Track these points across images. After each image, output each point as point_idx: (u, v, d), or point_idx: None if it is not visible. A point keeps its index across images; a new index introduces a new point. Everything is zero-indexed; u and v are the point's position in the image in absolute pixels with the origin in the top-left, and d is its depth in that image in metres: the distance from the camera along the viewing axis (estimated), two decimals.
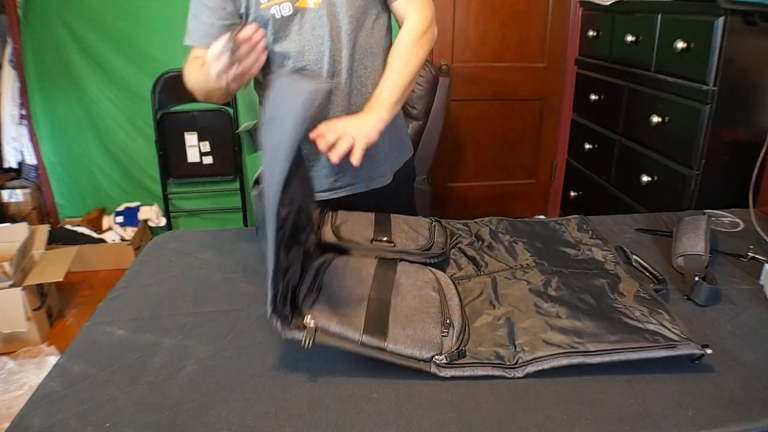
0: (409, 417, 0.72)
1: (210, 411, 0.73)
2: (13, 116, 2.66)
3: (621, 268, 1.05)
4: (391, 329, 0.81)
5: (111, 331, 0.90)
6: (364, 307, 0.86)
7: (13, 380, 1.86)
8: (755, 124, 1.54)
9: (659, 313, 0.88)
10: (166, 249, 1.19)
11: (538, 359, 0.80)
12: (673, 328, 0.84)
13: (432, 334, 0.82)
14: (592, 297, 0.94)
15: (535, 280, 1.00)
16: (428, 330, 0.83)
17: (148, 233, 2.89)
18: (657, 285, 1.00)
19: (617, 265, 1.06)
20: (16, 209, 2.79)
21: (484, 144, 3.01)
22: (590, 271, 1.04)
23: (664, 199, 1.70)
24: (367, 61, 1.17)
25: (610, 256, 1.10)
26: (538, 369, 0.79)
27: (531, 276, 1.02)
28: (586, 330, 0.84)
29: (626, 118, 1.91)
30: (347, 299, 0.88)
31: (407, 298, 0.90)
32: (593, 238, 1.18)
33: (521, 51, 2.85)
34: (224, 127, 2.75)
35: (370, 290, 0.90)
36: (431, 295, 0.91)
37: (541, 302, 0.92)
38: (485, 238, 1.19)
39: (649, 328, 0.84)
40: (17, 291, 2.02)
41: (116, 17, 2.53)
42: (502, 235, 1.19)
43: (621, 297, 0.95)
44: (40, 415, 0.72)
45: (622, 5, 1.93)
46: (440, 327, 0.84)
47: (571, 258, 1.10)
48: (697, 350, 0.79)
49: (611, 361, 0.79)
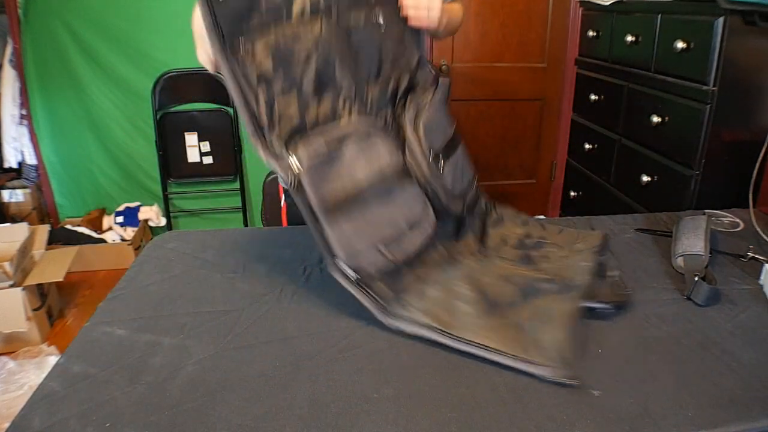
0: (409, 417, 0.72)
1: (210, 411, 0.73)
2: (13, 116, 2.66)
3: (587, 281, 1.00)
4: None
5: (111, 331, 0.90)
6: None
7: (13, 380, 1.86)
8: (755, 124, 1.54)
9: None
10: (166, 249, 1.19)
11: (411, 321, 0.88)
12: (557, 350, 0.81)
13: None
14: (521, 296, 0.95)
15: (502, 263, 1.06)
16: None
17: (148, 233, 2.89)
18: (604, 304, 0.94)
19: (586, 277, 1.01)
20: (16, 209, 2.80)
21: (484, 144, 3.01)
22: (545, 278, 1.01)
23: (664, 199, 1.70)
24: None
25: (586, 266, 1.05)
26: (404, 329, 0.88)
27: (502, 254, 1.09)
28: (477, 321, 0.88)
29: (626, 118, 1.91)
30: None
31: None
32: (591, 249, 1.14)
33: (521, 51, 2.85)
34: (224, 127, 2.75)
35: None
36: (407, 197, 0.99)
37: (475, 279, 0.98)
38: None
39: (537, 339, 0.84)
40: (17, 291, 2.02)
41: (116, 17, 2.53)
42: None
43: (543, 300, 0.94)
44: (40, 415, 0.72)
45: (622, 5, 1.93)
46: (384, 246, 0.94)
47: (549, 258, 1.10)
48: (554, 377, 0.77)
49: (471, 352, 0.83)
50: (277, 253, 1.16)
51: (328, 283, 1.04)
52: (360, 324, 0.92)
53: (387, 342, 0.87)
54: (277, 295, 1.01)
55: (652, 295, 1.00)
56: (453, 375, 0.80)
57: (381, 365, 0.82)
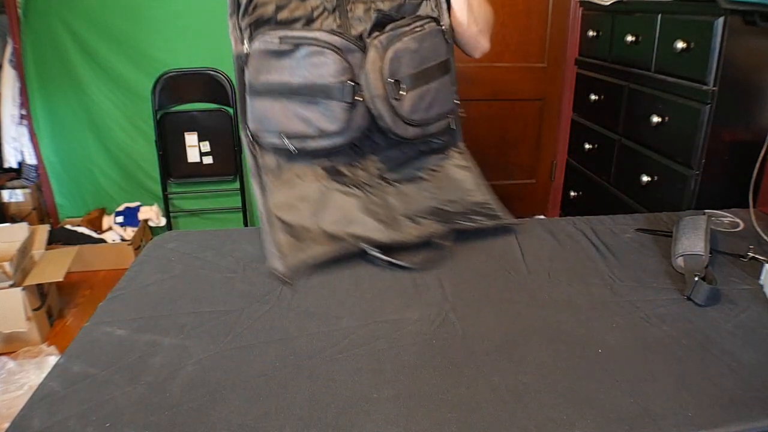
0: (409, 417, 0.72)
1: (210, 411, 0.73)
2: (13, 116, 2.66)
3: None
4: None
5: (111, 331, 0.90)
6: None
7: (13, 380, 1.86)
8: (755, 124, 1.54)
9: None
10: (166, 249, 1.19)
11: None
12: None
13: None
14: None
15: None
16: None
17: (148, 233, 2.89)
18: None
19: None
20: (16, 209, 2.79)
21: (484, 144, 3.01)
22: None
23: (664, 199, 1.70)
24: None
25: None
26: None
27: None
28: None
29: (626, 118, 1.91)
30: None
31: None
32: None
33: (521, 51, 2.85)
34: (224, 127, 2.75)
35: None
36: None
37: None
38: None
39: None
40: (17, 291, 2.02)
41: (116, 17, 2.53)
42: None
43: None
44: (40, 415, 0.72)
45: (622, 5, 1.93)
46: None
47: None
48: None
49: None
50: None
51: (328, 283, 1.04)
52: (360, 324, 0.92)
53: (387, 342, 0.87)
54: (277, 295, 1.01)
55: (652, 295, 1.01)
56: (453, 375, 0.80)
57: (381, 365, 0.82)
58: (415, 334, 0.89)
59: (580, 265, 1.12)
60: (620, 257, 1.15)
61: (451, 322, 0.93)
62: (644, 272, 1.09)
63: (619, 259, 1.14)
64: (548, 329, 0.91)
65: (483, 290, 1.03)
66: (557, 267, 1.11)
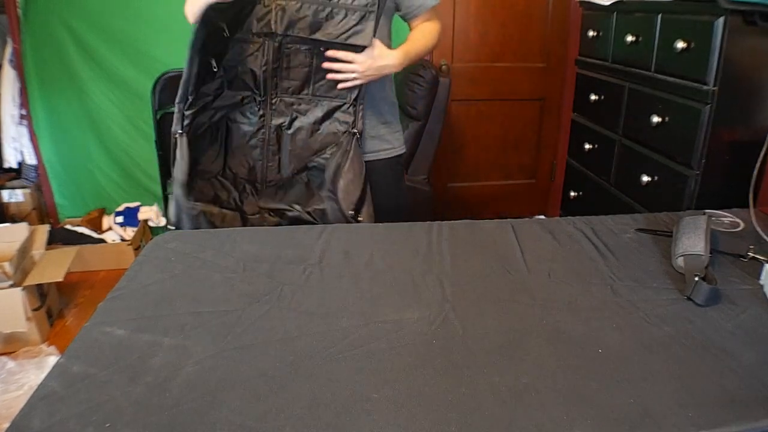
0: (409, 417, 0.72)
1: (210, 411, 0.73)
2: (13, 116, 2.66)
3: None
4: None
5: (111, 331, 0.90)
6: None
7: (13, 380, 1.86)
8: (755, 124, 1.54)
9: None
10: (166, 249, 1.19)
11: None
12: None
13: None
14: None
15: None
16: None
17: (148, 233, 2.89)
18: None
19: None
20: (16, 209, 2.79)
21: (484, 144, 3.01)
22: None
23: (664, 199, 1.70)
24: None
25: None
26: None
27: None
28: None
29: (626, 118, 1.91)
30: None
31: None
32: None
33: (521, 51, 2.85)
34: None
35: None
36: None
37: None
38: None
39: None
40: (17, 291, 2.02)
41: (116, 17, 2.53)
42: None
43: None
44: (40, 415, 0.72)
45: (622, 5, 1.93)
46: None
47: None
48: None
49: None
50: (277, 253, 1.16)
51: (328, 283, 1.04)
52: (360, 324, 0.92)
53: (387, 342, 0.87)
54: (277, 295, 1.01)
55: (652, 295, 1.01)
56: (453, 375, 0.80)
57: (381, 365, 0.82)
58: (415, 335, 0.89)
59: (580, 265, 1.12)
60: (620, 257, 1.15)
61: (451, 322, 0.93)
62: (644, 272, 1.09)
63: (619, 259, 1.14)
64: (548, 329, 0.91)
65: (483, 290, 1.03)
66: (557, 267, 1.11)
